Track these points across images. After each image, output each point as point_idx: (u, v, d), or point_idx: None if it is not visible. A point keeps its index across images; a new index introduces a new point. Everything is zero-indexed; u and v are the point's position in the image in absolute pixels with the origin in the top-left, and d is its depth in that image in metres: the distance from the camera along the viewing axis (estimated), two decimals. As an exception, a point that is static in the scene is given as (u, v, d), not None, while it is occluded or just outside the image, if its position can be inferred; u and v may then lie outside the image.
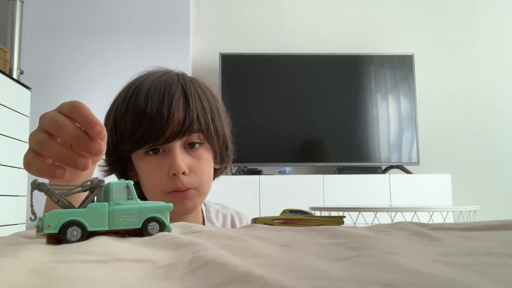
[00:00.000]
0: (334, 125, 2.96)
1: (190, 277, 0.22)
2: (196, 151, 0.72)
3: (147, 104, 0.68)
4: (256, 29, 3.19)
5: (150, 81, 0.72)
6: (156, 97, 0.69)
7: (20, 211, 2.10)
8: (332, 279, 0.21)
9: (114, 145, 0.71)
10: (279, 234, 0.39)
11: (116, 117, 0.71)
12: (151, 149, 0.70)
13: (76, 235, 0.34)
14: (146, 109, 0.68)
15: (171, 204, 0.38)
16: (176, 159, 0.69)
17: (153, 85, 0.71)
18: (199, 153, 0.73)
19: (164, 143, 0.69)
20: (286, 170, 2.86)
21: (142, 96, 0.69)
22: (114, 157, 0.73)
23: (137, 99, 0.69)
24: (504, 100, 3.23)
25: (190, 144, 0.72)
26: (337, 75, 3.02)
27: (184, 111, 0.70)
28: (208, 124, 0.72)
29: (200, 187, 0.72)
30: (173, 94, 0.70)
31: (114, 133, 0.71)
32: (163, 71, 0.76)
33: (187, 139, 0.71)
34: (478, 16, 3.30)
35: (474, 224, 0.44)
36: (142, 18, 2.65)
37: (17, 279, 0.21)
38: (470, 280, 0.20)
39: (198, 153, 0.72)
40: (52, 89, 2.57)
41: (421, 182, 2.76)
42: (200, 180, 0.72)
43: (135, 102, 0.69)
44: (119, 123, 0.70)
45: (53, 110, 0.49)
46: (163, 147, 0.70)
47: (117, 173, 0.76)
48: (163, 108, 0.68)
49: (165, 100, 0.69)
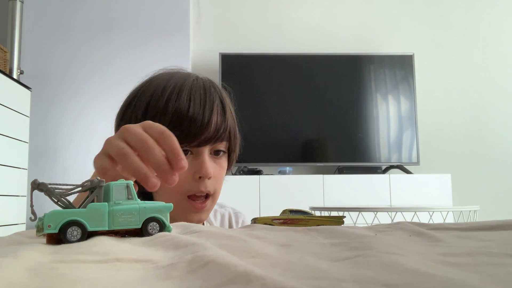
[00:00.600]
0: (334, 125, 2.96)
1: (190, 277, 0.22)
2: (219, 159, 0.75)
3: (190, 105, 0.69)
4: (256, 29, 3.19)
5: (190, 83, 0.73)
6: (198, 100, 0.70)
7: (20, 211, 2.10)
8: (332, 279, 0.21)
9: None
10: (279, 234, 0.39)
11: (149, 112, 0.71)
12: None
13: (76, 235, 0.34)
14: (188, 110, 0.69)
15: (171, 204, 0.38)
16: (206, 163, 0.70)
17: (193, 87, 0.72)
18: (221, 161, 0.75)
19: (198, 146, 0.71)
20: (286, 170, 2.86)
21: (184, 96, 0.70)
22: None
23: (179, 98, 0.70)
24: (504, 100, 3.23)
25: (215, 151, 0.74)
26: (337, 75, 3.02)
27: (221, 118, 0.72)
28: (235, 136, 0.76)
29: (215, 194, 0.74)
30: (212, 100, 0.72)
31: None
32: (193, 74, 0.77)
33: (214, 146, 0.73)
34: (478, 16, 3.30)
35: (474, 224, 0.44)
36: (142, 18, 2.65)
37: (17, 279, 0.21)
38: (470, 280, 0.20)
39: (220, 161, 0.75)
40: (52, 89, 2.57)
41: (421, 182, 2.76)
42: (217, 187, 0.74)
43: (176, 101, 0.70)
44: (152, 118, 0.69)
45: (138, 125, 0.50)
46: (193, 150, 0.71)
47: None
48: (205, 111, 0.70)
49: (206, 105, 0.71)
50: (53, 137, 2.53)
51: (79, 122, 2.55)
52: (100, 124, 2.54)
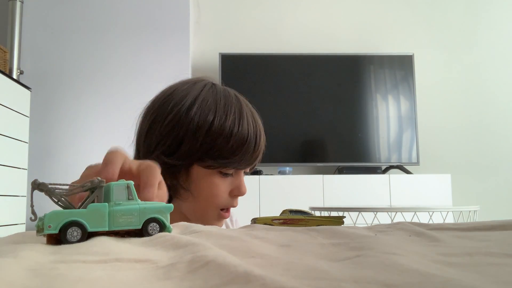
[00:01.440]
0: (334, 125, 2.96)
1: (190, 277, 0.22)
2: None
3: (249, 132, 0.74)
4: (256, 29, 3.19)
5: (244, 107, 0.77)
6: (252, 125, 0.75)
7: (20, 211, 2.10)
8: (332, 279, 0.21)
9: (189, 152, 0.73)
10: (279, 234, 0.39)
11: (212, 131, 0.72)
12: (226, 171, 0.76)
13: (76, 236, 0.34)
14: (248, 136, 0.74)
15: (171, 205, 0.39)
16: (243, 182, 0.78)
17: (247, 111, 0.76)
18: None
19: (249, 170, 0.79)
20: (286, 170, 2.86)
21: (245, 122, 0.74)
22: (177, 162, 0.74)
23: (242, 124, 0.74)
24: (504, 100, 3.23)
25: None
26: (337, 75, 3.02)
27: (264, 141, 0.78)
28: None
29: None
30: (259, 126, 0.77)
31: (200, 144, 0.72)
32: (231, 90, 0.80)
33: None
34: (478, 16, 3.30)
35: (474, 224, 0.44)
36: (142, 18, 2.65)
37: (17, 279, 0.21)
38: (470, 280, 0.20)
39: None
40: (52, 89, 2.57)
41: (421, 182, 2.76)
42: None
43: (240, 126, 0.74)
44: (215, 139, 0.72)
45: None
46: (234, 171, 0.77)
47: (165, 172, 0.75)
48: (257, 137, 0.75)
49: (257, 129, 0.76)
50: (53, 137, 2.53)
51: (79, 122, 2.55)
52: (100, 124, 2.54)
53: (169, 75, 2.89)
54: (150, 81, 2.53)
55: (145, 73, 2.57)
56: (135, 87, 2.55)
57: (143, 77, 2.56)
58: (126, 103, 2.51)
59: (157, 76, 2.52)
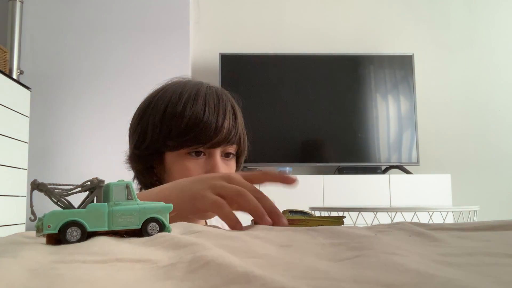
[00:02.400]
0: (334, 125, 2.96)
1: (190, 277, 0.22)
2: (229, 161, 0.81)
3: (205, 110, 0.76)
4: (256, 29, 3.19)
5: (204, 90, 0.79)
6: (212, 106, 0.77)
7: (20, 211, 2.10)
8: (332, 279, 0.21)
9: (154, 141, 0.77)
10: (279, 234, 0.39)
11: (167, 115, 0.76)
12: (194, 151, 0.77)
13: (75, 236, 0.34)
14: (203, 114, 0.75)
15: (170, 205, 0.39)
16: (217, 164, 0.77)
17: (208, 94, 0.79)
18: (231, 163, 0.81)
19: (211, 147, 0.77)
20: (286, 170, 2.86)
21: (200, 101, 0.77)
22: (146, 152, 0.78)
23: (196, 103, 0.76)
24: (504, 100, 3.23)
25: (226, 154, 0.80)
26: (337, 75, 3.02)
27: (233, 122, 0.78)
28: (244, 140, 0.83)
29: None
30: (225, 106, 0.79)
31: (159, 130, 0.77)
32: (205, 82, 0.84)
33: (225, 149, 0.79)
34: (478, 16, 3.30)
35: (474, 224, 0.44)
36: (142, 18, 2.65)
37: (17, 279, 0.21)
38: (470, 280, 0.20)
39: (230, 163, 0.81)
40: (52, 89, 2.57)
41: (421, 182, 2.76)
42: None
43: (193, 106, 0.76)
44: (170, 121, 0.76)
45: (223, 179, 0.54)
46: (205, 151, 0.78)
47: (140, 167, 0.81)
48: (218, 116, 0.76)
49: (220, 109, 0.77)
50: (53, 137, 2.53)
51: (79, 122, 2.55)
52: (100, 124, 2.54)
53: (169, 75, 2.89)
54: (150, 81, 2.51)
55: (145, 73, 2.57)
56: (135, 87, 2.55)
57: (143, 77, 2.56)
58: (126, 103, 2.51)
59: (157, 76, 2.51)
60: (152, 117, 0.78)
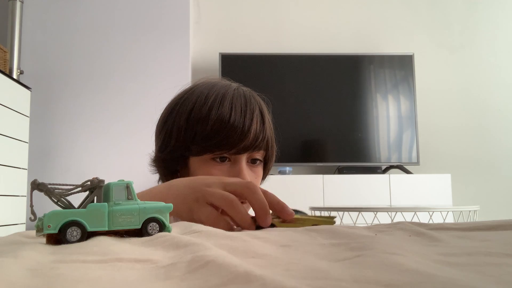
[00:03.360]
0: (334, 125, 2.96)
1: (190, 277, 0.22)
2: (256, 167, 0.77)
3: (231, 113, 0.72)
4: (256, 29, 3.19)
5: (232, 92, 0.75)
6: (239, 109, 0.73)
7: (20, 211, 2.10)
8: (332, 279, 0.21)
9: (179, 144, 0.74)
10: (279, 234, 0.39)
11: (192, 119, 0.73)
12: (219, 157, 0.73)
13: (76, 235, 0.34)
14: (230, 118, 0.71)
15: (170, 205, 0.39)
16: (243, 170, 0.73)
17: (235, 96, 0.75)
18: (257, 170, 0.78)
19: (237, 153, 0.73)
20: (286, 170, 2.86)
21: (227, 104, 0.73)
22: (171, 155, 0.75)
23: (222, 106, 0.72)
24: (504, 100, 3.23)
25: (252, 160, 0.76)
26: (337, 75, 3.02)
27: (260, 127, 0.74)
28: (272, 146, 0.79)
29: None
30: (253, 109, 0.74)
31: (184, 133, 0.73)
32: (234, 83, 0.81)
33: (252, 155, 0.76)
34: (478, 16, 3.30)
35: (474, 224, 0.44)
36: (142, 18, 2.65)
37: (17, 279, 0.21)
38: (470, 280, 0.20)
39: (257, 169, 0.77)
40: (52, 89, 2.57)
41: (421, 182, 2.76)
42: None
43: (219, 108, 0.72)
44: (194, 125, 0.72)
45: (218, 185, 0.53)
46: (230, 157, 0.74)
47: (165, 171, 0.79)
48: (245, 120, 0.72)
49: (247, 113, 0.73)
50: (53, 137, 2.53)
51: (79, 122, 2.55)
52: (100, 124, 2.54)
53: (169, 75, 2.89)
54: (150, 81, 2.53)
55: (145, 73, 2.57)
56: (135, 87, 2.55)
57: (143, 77, 2.56)
58: (126, 103, 2.51)
59: (157, 76, 2.53)
60: (178, 120, 0.75)
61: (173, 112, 0.77)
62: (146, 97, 2.48)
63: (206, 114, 0.72)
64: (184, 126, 0.73)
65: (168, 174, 0.78)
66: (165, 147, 0.76)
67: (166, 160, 0.76)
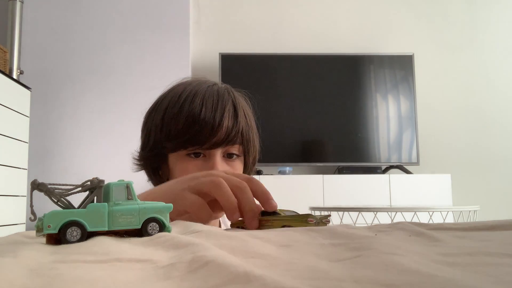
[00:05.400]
0: (334, 125, 2.96)
1: (190, 277, 0.22)
2: (233, 162, 0.77)
3: (201, 109, 0.73)
4: (256, 29, 3.19)
5: (204, 89, 0.76)
6: (210, 105, 0.74)
7: (20, 211, 2.10)
8: (332, 279, 0.21)
9: (156, 142, 0.76)
10: (279, 234, 0.39)
11: (166, 116, 0.75)
12: (193, 152, 0.75)
13: (75, 235, 0.34)
14: (200, 113, 0.73)
15: (170, 205, 0.39)
16: (216, 164, 0.73)
17: (207, 93, 0.75)
18: (235, 164, 0.78)
19: (209, 148, 0.74)
20: (286, 170, 2.86)
21: (197, 101, 0.74)
22: (151, 153, 0.78)
23: (193, 103, 0.74)
24: (504, 100, 3.23)
25: (229, 154, 0.77)
26: (337, 75, 3.02)
27: (232, 121, 0.75)
28: (249, 139, 0.78)
29: None
30: (225, 104, 0.75)
31: (160, 131, 0.76)
32: (211, 81, 0.82)
33: (227, 149, 0.76)
34: (478, 16, 3.30)
35: (474, 224, 0.44)
36: (142, 18, 2.65)
37: (17, 279, 0.21)
38: (470, 280, 0.20)
39: (234, 164, 0.78)
40: (52, 89, 2.57)
41: (421, 182, 2.76)
42: None
43: (190, 105, 0.74)
44: (168, 122, 0.74)
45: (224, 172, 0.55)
46: (205, 152, 0.75)
47: (149, 168, 0.81)
48: (216, 115, 0.73)
49: (218, 108, 0.74)
50: (53, 137, 2.53)
51: (79, 122, 2.55)
52: (100, 124, 2.54)
53: (169, 75, 2.88)
54: (150, 81, 2.53)
55: (145, 73, 2.57)
56: (135, 87, 2.55)
57: (143, 77, 2.56)
58: (126, 103, 2.51)
59: (157, 76, 2.53)
60: (155, 119, 0.77)
61: (153, 112, 0.79)
62: (146, 97, 2.47)
63: (178, 111, 0.74)
64: (160, 124, 0.76)
65: (151, 170, 0.81)
66: (146, 146, 0.79)
67: (148, 158, 0.79)
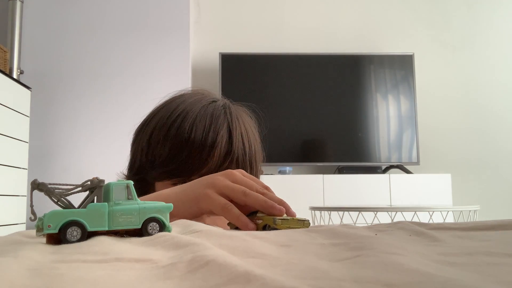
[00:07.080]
0: (334, 125, 2.96)
1: (190, 277, 0.22)
2: None
3: (190, 135, 0.64)
4: (256, 29, 3.19)
5: (198, 109, 0.67)
6: (201, 129, 0.65)
7: (20, 211, 2.10)
8: (332, 279, 0.21)
9: (141, 167, 0.68)
10: (279, 234, 0.39)
11: (152, 140, 0.67)
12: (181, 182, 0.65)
13: (76, 235, 0.34)
14: (188, 139, 0.64)
15: (171, 204, 0.38)
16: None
17: (199, 115, 0.66)
18: None
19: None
20: (286, 170, 2.86)
21: (187, 124, 0.65)
22: (137, 177, 0.68)
23: (181, 127, 0.65)
24: (504, 100, 3.23)
25: None
26: (337, 75, 3.02)
27: (226, 149, 0.66)
28: (245, 165, 0.69)
29: None
30: (218, 129, 0.66)
31: (145, 155, 0.68)
32: (210, 97, 0.72)
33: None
34: (478, 16, 3.30)
35: (474, 224, 0.44)
36: (142, 18, 2.65)
37: (17, 279, 0.21)
38: (470, 280, 0.20)
39: None
40: (52, 89, 2.57)
41: (421, 182, 2.76)
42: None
43: (178, 129, 0.65)
44: (154, 147, 0.66)
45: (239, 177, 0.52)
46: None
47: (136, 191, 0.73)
48: (206, 142, 0.64)
49: (210, 133, 0.65)
50: (53, 137, 2.53)
51: (79, 122, 2.55)
52: (100, 124, 2.54)
53: (169, 75, 2.89)
54: (150, 81, 2.53)
55: (145, 73, 2.57)
56: (135, 87, 2.55)
57: (143, 77, 2.56)
58: (126, 103, 2.51)
59: (157, 76, 2.52)
60: (142, 141, 0.69)
61: (142, 130, 0.71)
62: (146, 97, 2.47)
63: (165, 135, 0.65)
64: (146, 148, 0.68)
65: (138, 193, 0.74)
66: (132, 168, 0.71)
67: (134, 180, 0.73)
